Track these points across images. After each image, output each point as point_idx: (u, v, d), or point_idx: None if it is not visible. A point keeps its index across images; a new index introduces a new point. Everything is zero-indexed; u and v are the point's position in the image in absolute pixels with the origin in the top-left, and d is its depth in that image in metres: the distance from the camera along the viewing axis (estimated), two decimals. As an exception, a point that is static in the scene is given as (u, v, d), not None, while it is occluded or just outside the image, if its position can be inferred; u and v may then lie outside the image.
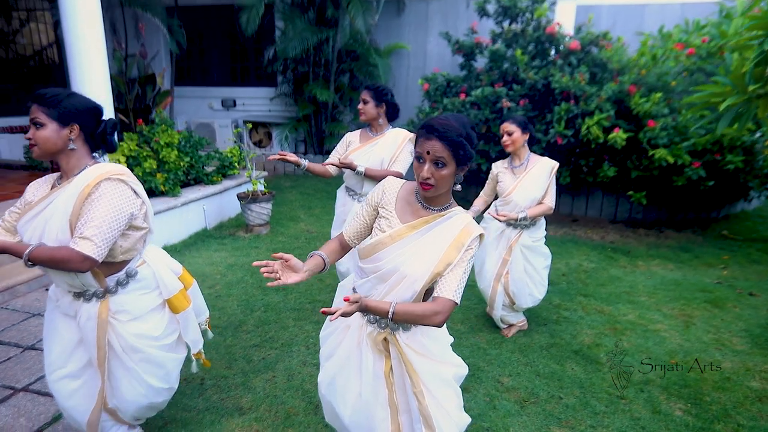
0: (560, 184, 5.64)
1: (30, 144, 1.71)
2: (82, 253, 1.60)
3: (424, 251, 1.52)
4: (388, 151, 2.95)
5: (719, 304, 3.82)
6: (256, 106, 8.41)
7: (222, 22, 8.32)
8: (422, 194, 1.56)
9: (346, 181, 3.12)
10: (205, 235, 5.05)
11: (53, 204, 1.70)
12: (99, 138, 1.81)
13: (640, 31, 6.08)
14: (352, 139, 3.09)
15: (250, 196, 5.06)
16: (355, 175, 2.97)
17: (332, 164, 2.97)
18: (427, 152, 1.46)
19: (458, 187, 1.57)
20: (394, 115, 3.03)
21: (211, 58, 8.71)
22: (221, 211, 5.53)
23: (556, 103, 5.50)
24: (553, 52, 5.82)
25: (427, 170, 1.47)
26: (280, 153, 2.76)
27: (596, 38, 5.56)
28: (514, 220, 2.97)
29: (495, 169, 3.18)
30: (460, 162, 1.48)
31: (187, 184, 5.29)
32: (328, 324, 1.83)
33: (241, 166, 5.90)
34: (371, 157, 2.95)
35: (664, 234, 5.58)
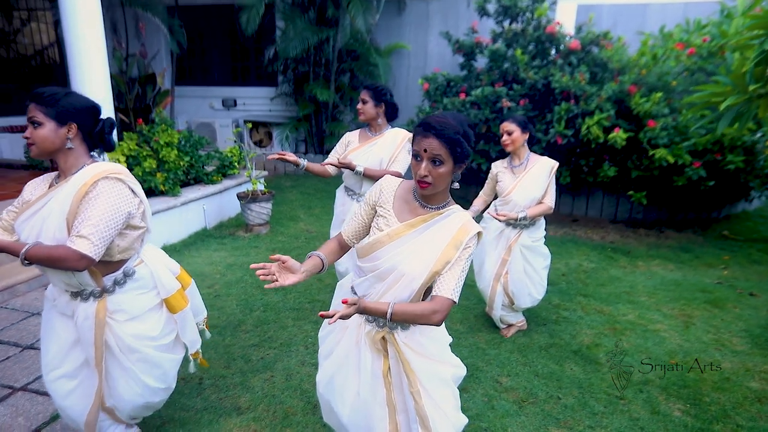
0: (560, 184, 5.63)
1: (28, 143, 1.71)
2: (79, 251, 1.60)
3: (422, 250, 1.52)
4: (387, 151, 2.95)
5: (719, 304, 3.81)
6: (257, 105, 8.41)
7: (222, 22, 8.32)
8: (420, 192, 1.56)
9: (345, 181, 3.11)
10: (205, 235, 5.05)
11: (50, 203, 1.70)
12: (97, 137, 1.81)
13: (642, 30, 6.06)
14: (351, 138, 3.09)
15: (250, 195, 5.06)
16: (354, 175, 2.97)
17: (331, 164, 2.97)
18: (425, 150, 1.46)
19: (456, 185, 1.57)
20: (393, 115, 3.02)
21: (212, 58, 8.71)
22: (221, 210, 5.53)
23: (556, 103, 5.49)
24: (553, 52, 5.81)
25: (425, 168, 1.47)
26: (279, 153, 2.76)
27: (597, 38, 5.55)
28: (513, 220, 2.97)
29: (494, 169, 3.18)
30: (458, 160, 1.47)
31: (187, 184, 5.29)
32: (327, 323, 1.83)
33: (241, 166, 5.90)
34: (370, 157, 2.95)
35: (664, 234, 5.57)
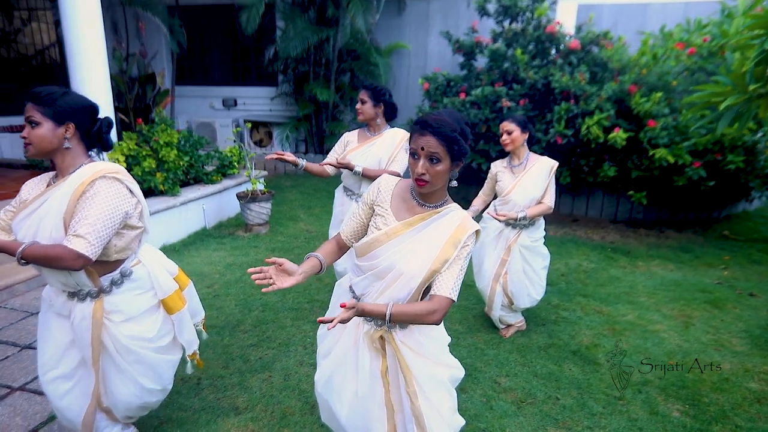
0: (560, 184, 5.62)
1: (25, 143, 1.70)
2: (76, 250, 1.59)
3: (421, 248, 1.52)
4: (385, 151, 2.94)
5: (719, 304, 3.80)
6: (257, 105, 8.41)
7: (223, 22, 8.32)
8: (417, 191, 1.56)
9: (344, 181, 3.11)
10: (205, 235, 5.05)
11: (48, 202, 1.69)
12: (94, 136, 1.81)
13: (642, 30, 6.04)
14: (350, 138, 3.09)
15: (250, 195, 5.06)
16: (352, 175, 2.97)
17: (330, 164, 2.97)
18: (422, 148, 1.46)
19: (454, 183, 1.57)
20: (392, 115, 3.02)
21: (212, 58, 8.71)
22: (221, 210, 5.53)
23: (556, 103, 5.48)
24: (553, 52, 5.81)
25: (422, 166, 1.47)
26: (277, 153, 2.76)
27: (597, 37, 5.54)
28: (513, 220, 2.96)
29: (494, 169, 3.17)
30: (455, 157, 1.48)
31: (186, 184, 5.28)
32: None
33: (241, 166, 5.90)
34: (369, 157, 2.94)
35: (664, 234, 5.56)
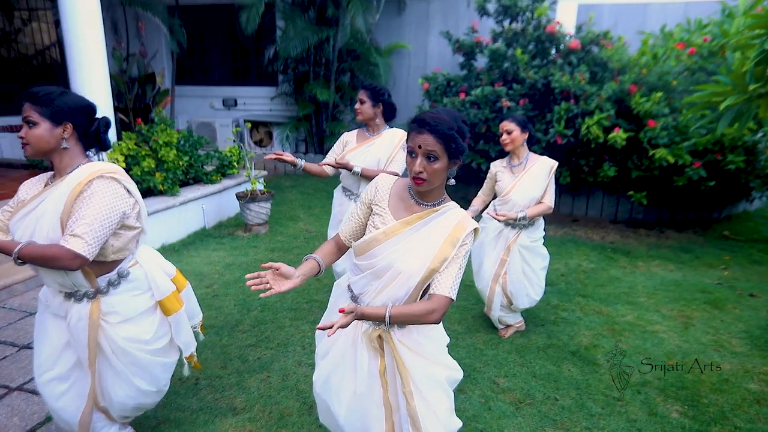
0: (560, 184, 5.61)
1: (22, 143, 1.70)
2: (73, 250, 1.59)
3: (419, 247, 1.52)
4: (384, 152, 2.94)
5: (719, 305, 3.79)
6: (257, 105, 8.41)
7: (223, 21, 8.32)
8: (415, 189, 1.56)
9: (343, 181, 3.11)
10: (204, 235, 5.04)
11: (45, 202, 1.69)
12: (92, 136, 1.81)
13: (642, 30, 6.03)
14: (348, 139, 3.08)
15: (249, 195, 5.05)
16: (351, 176, 2.96)
17: (328, 164, 2.97)
18: (419, 146, 1.46)
19: (452, 182, 1.57)
20: (391, 115, 3.01)
21: (212, 58, 8.72)
22: (220, 210, 5.52)
23: (556, 103, 5.47)
24: (553, 52, 5.80)
25: (419, 164, 1.46)
26: (276, 153, 2.76)
27: (597, 37, 5.53)
28: (512, 220, 2.96)
29: (493, 168, 3.17)
30: (452, 155, 1.47)
31: (186, 184, 5.28)
32: (324, 322, 1.82)
33: (241, 166, 5.90)
34: (368, 157, 2.94)
35: (665, 234, 5.55)
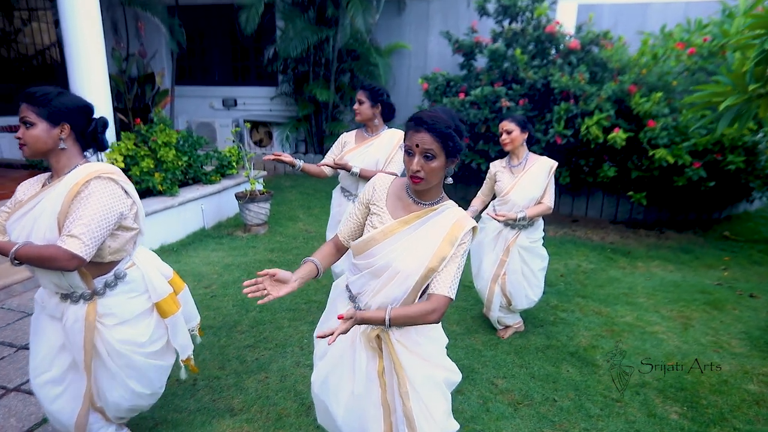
0: (560, 185, 5.60)
1: (20, 143, 1.70)
2: (70, 251, 1.58)
3: (417, 246, 1.52)
4: (383, 152, 2.93)
5: (719, 305, 3.78)
6: (257, 105, 8.41)
7: (222, 22, 8.32)
8: (413, 188, 1.56)
9: (342, 181, 3.10)
10: (203, 235, 5.04)
11: (42, 202, 1.69)
12: (90, 137, 1.80)
13: (642, 30, 6.02)
14: (347, 139, 3.08)
15: (248, 195, 5.05)
16: (350, 176, 2.96)
17: (327, 165, 2.96)
18: (416, 145, 1.46)
19: (449, 180, 1.57)
20: (390, 116, 3.01)
21: (212, 58, 8.71)
22: (219, 210, 5.52)
23: (555, 103, 5.46)
24: (553, 52, 5.79)
25: (417, 163, 1.46)
26: (275, 153, 2.75)
27: (597, 37, 5.52)
28: (512, 220, 2.95)
29: (493, 169, 3.16)
30: (450, 154, 1.47)
31: (185, 184, 5.27)
32: (323, 323, 1.82)
33: (240, 166, 5.90)
34: (366, 157, 2.93)
35: (664, 235, 5.54)
